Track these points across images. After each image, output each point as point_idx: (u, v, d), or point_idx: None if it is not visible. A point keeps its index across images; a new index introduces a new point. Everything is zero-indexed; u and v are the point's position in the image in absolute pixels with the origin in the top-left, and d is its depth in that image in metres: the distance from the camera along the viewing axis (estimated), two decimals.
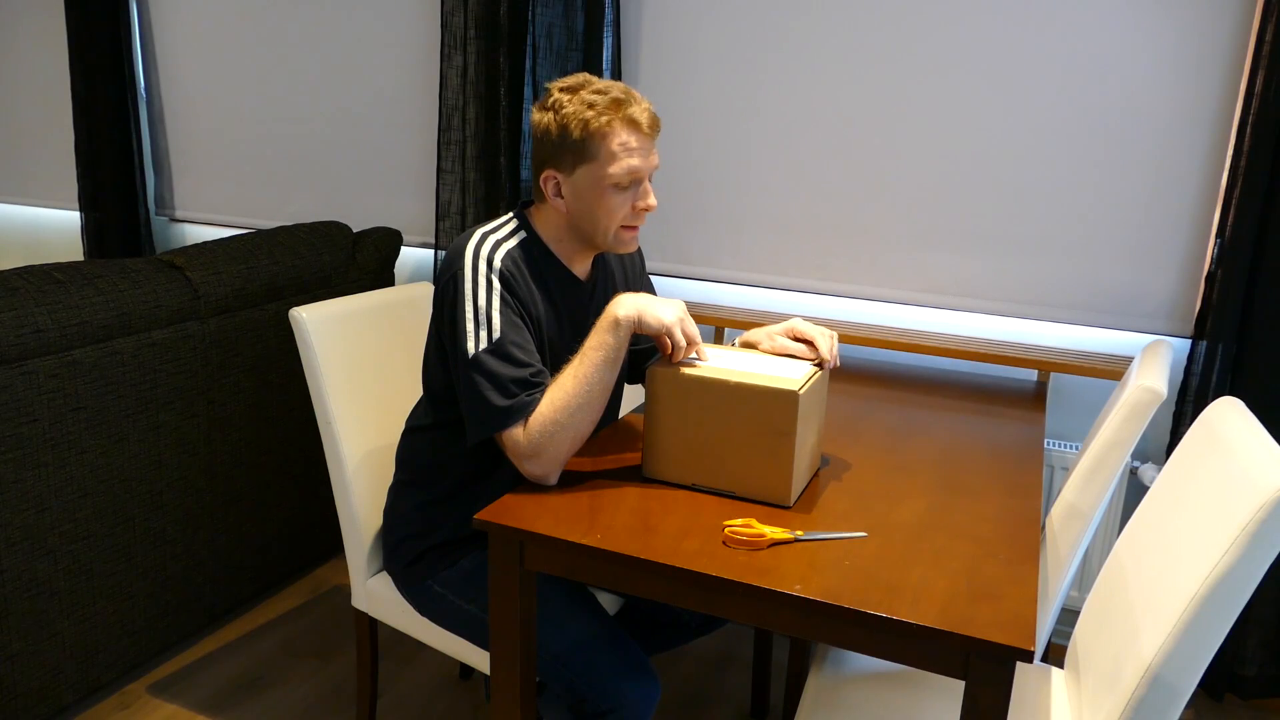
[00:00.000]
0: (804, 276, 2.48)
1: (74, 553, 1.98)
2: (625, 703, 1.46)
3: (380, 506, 1.82)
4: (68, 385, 1.91)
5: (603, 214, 1.49)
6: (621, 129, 1.45)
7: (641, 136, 1.46)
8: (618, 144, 1.45)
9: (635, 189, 1.49)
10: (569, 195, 1.50)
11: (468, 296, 1.45)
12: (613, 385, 1.44)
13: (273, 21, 3.06)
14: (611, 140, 1.44)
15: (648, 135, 1.48)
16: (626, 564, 1.24)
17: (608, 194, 1.47)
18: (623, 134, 1.45)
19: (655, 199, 1.51)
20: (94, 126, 3.28)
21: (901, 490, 1.45)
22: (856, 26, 2.31)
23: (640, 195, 1.50)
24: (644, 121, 1.46)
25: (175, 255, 2.21)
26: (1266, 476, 1.06)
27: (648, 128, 1.47)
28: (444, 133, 2.68)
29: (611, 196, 1.48)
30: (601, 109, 1.44)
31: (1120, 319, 2.20)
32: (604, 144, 1.45)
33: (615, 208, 1.49)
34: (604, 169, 1.46)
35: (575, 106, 1.45)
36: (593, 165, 1.46)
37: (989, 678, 1.09)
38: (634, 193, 1.49)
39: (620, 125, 1.45)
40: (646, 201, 1.50)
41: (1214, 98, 2.04)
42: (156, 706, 2.12)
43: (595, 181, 1.47)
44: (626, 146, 1.45)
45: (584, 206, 1.50)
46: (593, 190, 1.48)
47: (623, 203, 1.49)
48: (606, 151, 1.45)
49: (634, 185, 1.49)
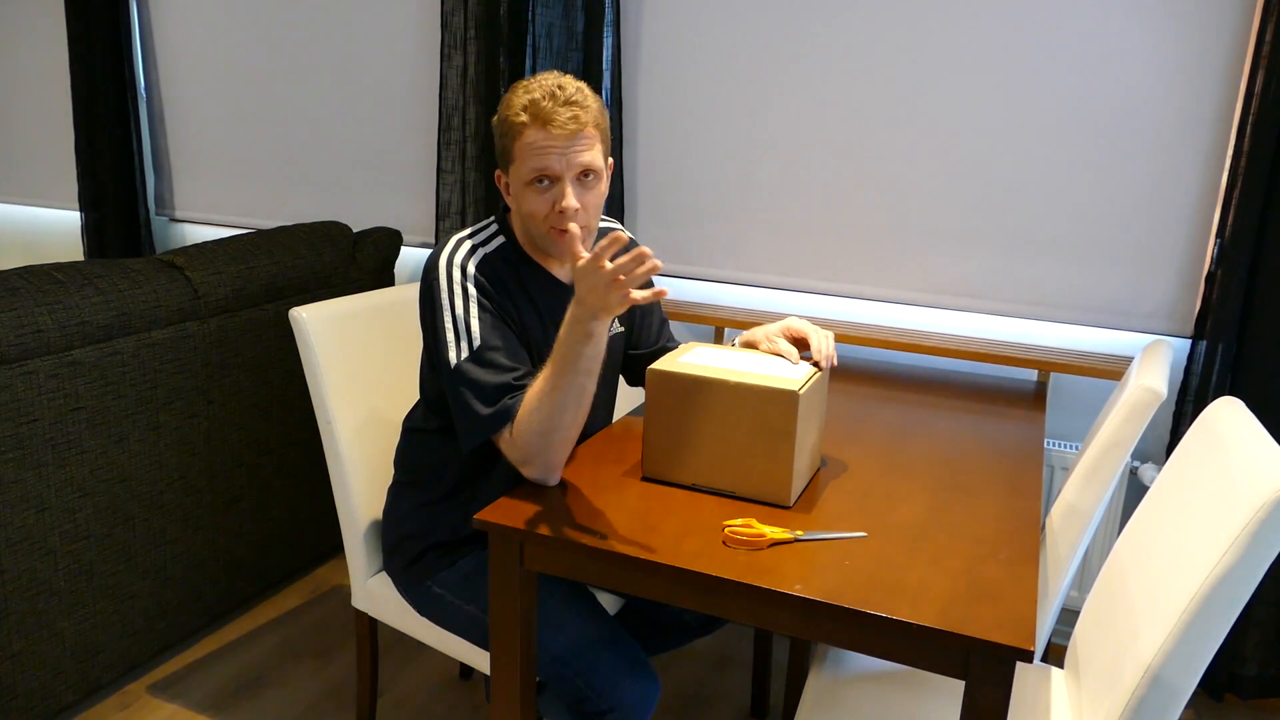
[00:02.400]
0: (804, 276, 2.48)
1: (74, 553, 1.98)
2: (625, 702, 1.46)
3: (380, 506, 1.82)
4: (68, 385, 1.91)
5: (525, 213, 1.48)
6: (530, 128, 1.42)
7: (553, 135, 1.41)
8: (525, 143, 1.43)
9: (552, 189, 1.45)
10: (512, 195, 1.51)
11: (445, 307, 1.45)
12: (594, 387, 1.39)
13: (273, 21, 3.06)
14: (521, 139, 1.43)
15: (562, 132, 1.41)
16: (626, 564, 1.24)
17: (526, 194, 1.46)
18: (531, 133, 1.42)
19: (574, 201, 1.44)
20: (94, 126, 3.28)
21: (901, 490, 1.45)
22: (857, 27, 2.31)
23: (557, 196, 1.45)
24: (557, 119, 1.41)
25: (175, 255, 2.21)
26: (1266, 476, 1.06)
27: (562, 124, 1.41)
28: (444, 133, 2.68)
29: (529, 196, 1.46)
30: (518, 109, 1.43)
31: (1120, 319, 2.20)
32: (516, 143, 1.44)
33: (535, 208, 1.46)
34: (520, 167, 1.45)
35: (502, 107, 1.46)
36: (515, 165, 1.46)
37: (989, 678, 1.09)
38: (552, 193, 1.45)
39: (530, 124, 1.42)
40: (562, 203, 1.44)
41: (1214, 98, 2.04)
42: (156, 706, 2.12)
43: (516, 180, 1.47)
44: (533, 146, 1.42)
45: (517, 206, 1.50)
46: (517, 190, 1.48)
47: (541, 204, 1.45)
48: (519, 150, 1.44)
49: (549, 185, 1.45)
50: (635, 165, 2.61)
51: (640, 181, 2.62)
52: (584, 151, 1.44)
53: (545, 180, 1.44)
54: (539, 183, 1.44)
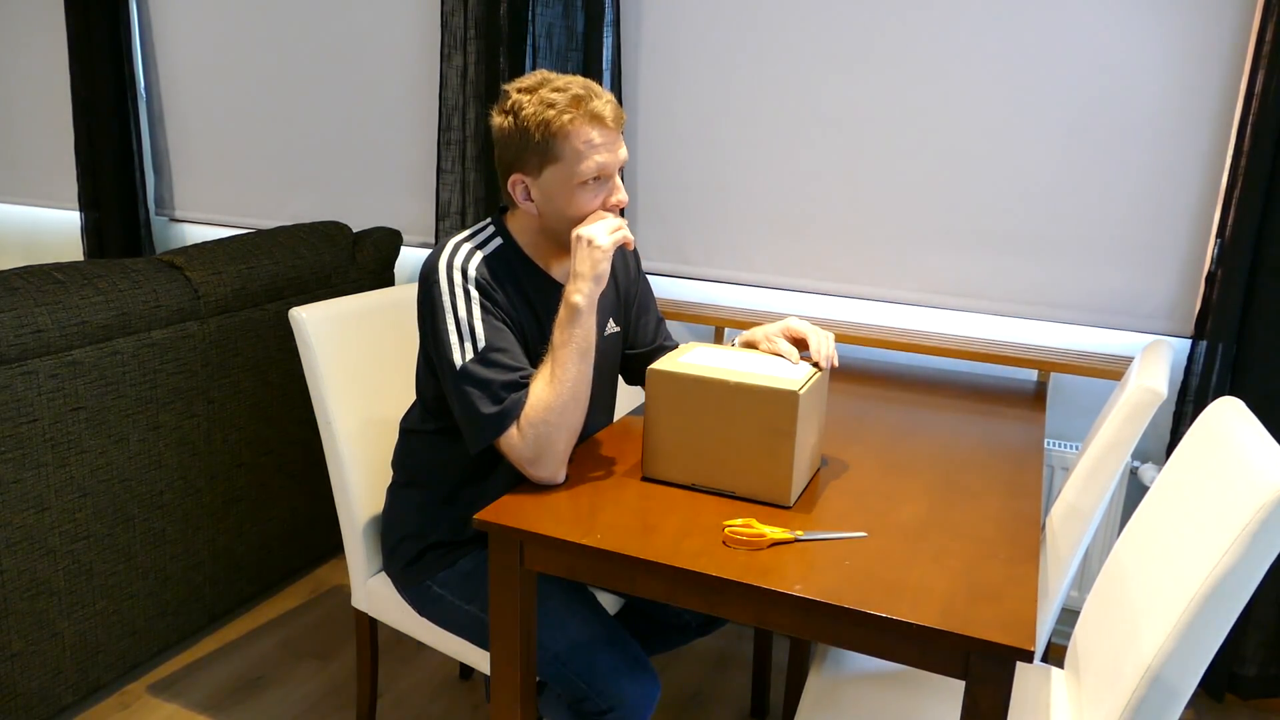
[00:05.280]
0: (804, 276, 2.48)
1: (74, 553, 1.98)
2: (625, 702, 1.46)
3: (380, 507, 1.82)
4: (68, 385, 1.91)
5: (574, 214, 1.46)
6: (584, 125, 1.41)
7: (606, 131, 1.43)
8: (582, 142, 1.41)
9: (605, 185, 1.46)
10: (539, 198, 1.47)
11: (447, 309, 1.45)
12: (590, 372, 1.43)
13: (273, 21, 3.06)
14: (575, 139, 1.41)
15: (612, 129, 1.44)
16: (626, 564, 1.24)
17: (577, 193, 1.45)
18: (586, 130, 1.41)
19: (625, 194, 1.48)
20: (94, 126, 3.28)
21: (901, 490, 1.45)
22: (857, 27, 2.31)
23: (610, 191, 1.47)
24: (607, 115, 1.42)
25: (175, 255, 2.22)
26: (1266, 476, 1.06)
27: (611, 121, 1.43)
28: (444, 133, 2.68)
29: (581, 195, 1.45)
30: (562, 107, 1.41)
31: (1120, 319, 2.20)
32: (568, 143, 1.41)
33: (586, 206, 1.46)
34: (571, 168, 1.43)
35: (534, 107, 1.42)
36: (559, 166, 1.43)
37: (989, 678, 1.09)
38: (604, 189, 1.46)
39: (583, 122, 1.41)
40: (617, 197, 1.47)
41: (1214, 98, 2.04)
42: (156, 706, 2.12)
43: (563, 182, 1.44)
44: (591, 143, 1.42)
45: (555, 208, 1.47)
46: (562, 191, 1.45)
47: (593, 200, 1.46)
48: (571, 150, 1.42)
49: (603, 182, 1.46)
50: (635, 165, 2.61)
51: (640, 181, 2.62)
52: (623, 145, 1.48)
53: (599, 179, 1.45)
54: (592, 182, 1.44)
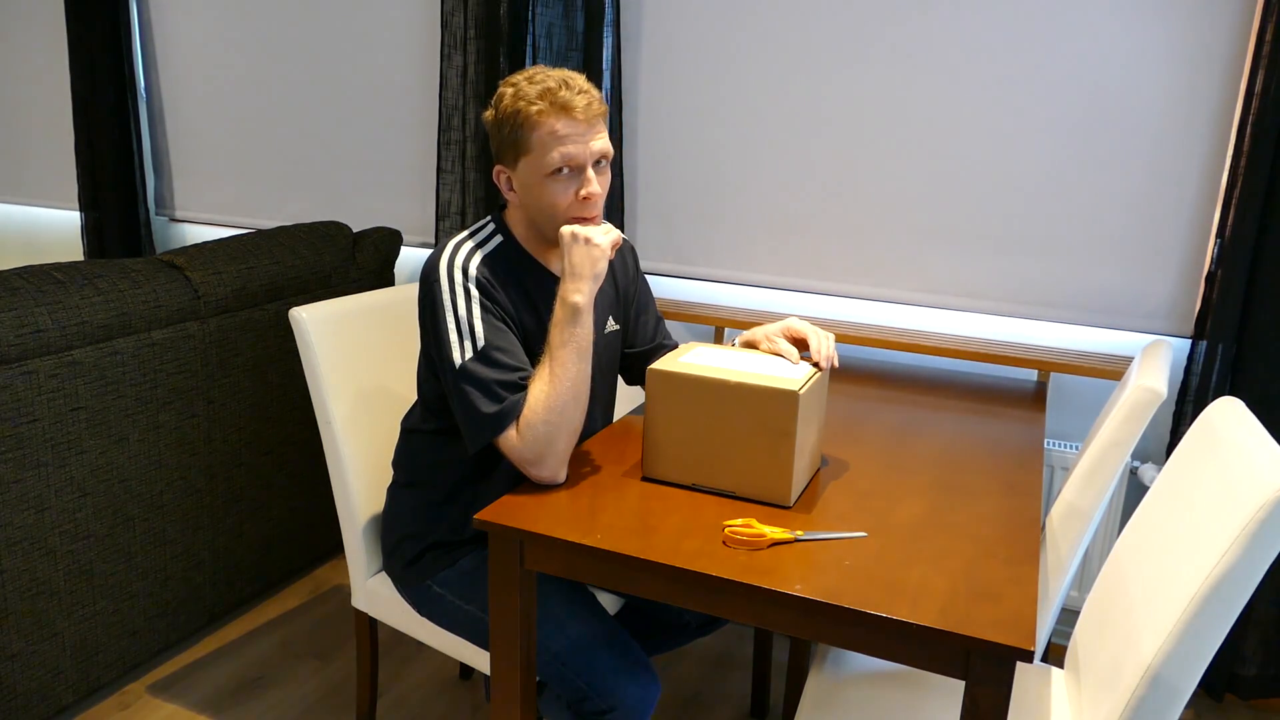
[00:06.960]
0: (804, 276, 2.48)
1: (74, 553, 1.98)
2: (625, 702, 1.46)
3: (380, 506, 1.82)
4: (68, 385, 1.91)
5: (547, 206, 1.47)
6: (550, 117, 1.42)
7: (573, 122, 1.43)
8: (547, 132, 1.42)
9: (577, 177, 1.46)
10: (519, 190, 1.50)
11: (448, 308, 1.45)
12: (589, 369, 1.43)
13: (272, 22, 3.06)
14: (542, 129, 1.42)
15: (581, 121, 1.43)
16: (626, 564, 1.24)
17: (548, 184, 1.46)
18: (552, 122, 1.42)
19: (598, 186, 1.47)
20: (94, 126, 3.28)
21: (901, 490, 1.45)
22: (857, 26, 2.31)
23: (582, 183, 1.46)
24: (577, 106, 1.43)
25: (175, 255, 2.21)
26: (1266, 476, 1.06)
27: (581, 113, 1.43)
28: (444, 133, 2.68)
29: (551, 187, 1.46)
30: (531, 99, 1.42)
31: (1120, 319, 2.20)
32: (535, 134, 1.43)
33: (557, 198, 1.46)
34: (539, 159, 1.44)
35: (509, 100, 1.45)
36: (530, 157, 1.45)
37: (989, 678, 1.09)
38: (576, 181, 1.46)
39: (550, 114, 1.42)
40: (587, 189, 1.46)
41: (1214, 98, 2.04)
42: (156, 706, 2.12)
43: (535, 173, 1.46)
44: (556, 134, 1.42)
45: (532, 200, 1.49)
46: (535, 182, 1.47)
47: (564, 192, 1.46)
48: (539, 141, 1.43)
49: (574, 174, 1.46)
50: (635, 165, 2.61)
51: (640, 181, 2.62)
52: (599, 137, 1.47)
53: (567, 170, 1.45)
54: (561, 172, 1.45)
